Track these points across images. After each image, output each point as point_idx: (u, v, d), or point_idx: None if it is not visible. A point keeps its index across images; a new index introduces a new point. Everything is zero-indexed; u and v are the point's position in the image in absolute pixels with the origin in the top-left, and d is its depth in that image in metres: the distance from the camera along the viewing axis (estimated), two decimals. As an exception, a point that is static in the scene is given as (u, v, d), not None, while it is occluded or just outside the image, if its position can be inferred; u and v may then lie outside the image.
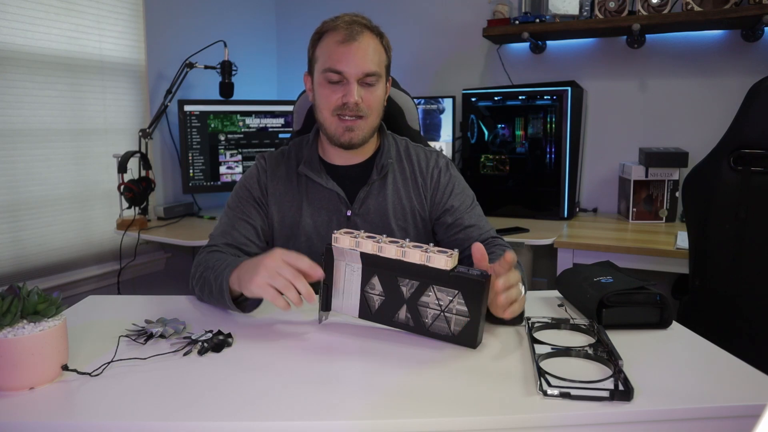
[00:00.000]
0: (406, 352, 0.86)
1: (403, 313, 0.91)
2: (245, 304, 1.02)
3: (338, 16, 1.15)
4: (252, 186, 1.24)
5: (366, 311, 0.95)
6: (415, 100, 1.51)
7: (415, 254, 0.87)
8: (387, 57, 1.19)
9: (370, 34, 1.14)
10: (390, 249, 0.89)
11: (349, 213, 1.21)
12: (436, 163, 1.26)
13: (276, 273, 0.90)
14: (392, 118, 1.44)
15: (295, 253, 0.92)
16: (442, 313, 0.88)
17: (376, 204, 1.22)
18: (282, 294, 0.90)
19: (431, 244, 0.90)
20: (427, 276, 0.87)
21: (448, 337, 0.88)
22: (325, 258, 0.95)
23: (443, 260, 0.85)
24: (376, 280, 0.92)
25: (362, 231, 0.94)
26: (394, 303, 0.92)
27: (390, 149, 1.25)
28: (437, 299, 0.88)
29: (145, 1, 2.32)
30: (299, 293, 0.89)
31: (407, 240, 0.90)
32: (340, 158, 1.24)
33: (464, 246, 1.18)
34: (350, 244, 0.92)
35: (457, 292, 0.86)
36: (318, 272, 0.91)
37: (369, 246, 0.90)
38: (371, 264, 0.91)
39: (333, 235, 0.93)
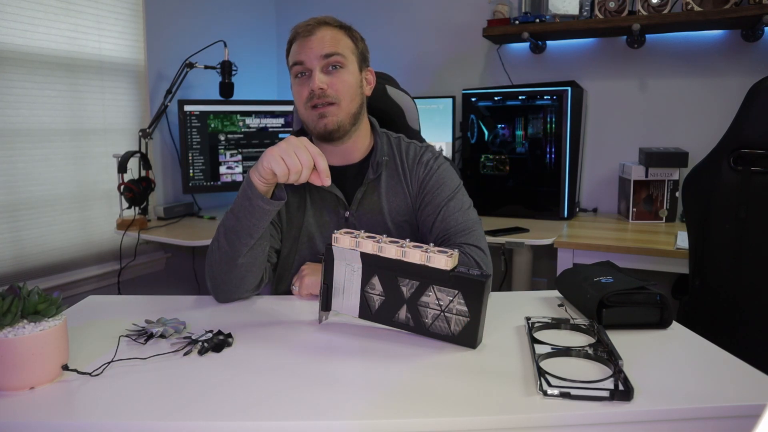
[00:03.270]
0: (406, 352, 0.86)
1: (403, 313, 0.91)
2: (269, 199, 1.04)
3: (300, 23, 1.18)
4: None
5: (366, 311, 0.95)
6: (415, 100, 1.51)
7: (415, 254, 0.87)
8: (356, 46, 1.20)
9: (329, 26, 1.16)
10: (390, 249, 0.89)
11: (347, 214, 1.21)
12: (420, 159, 1.25)
13: (287, 148, 0.97)
14: (393, 118, 1.45)
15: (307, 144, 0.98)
16: (442, 313, 0.88)
17: (371, 204, 1.22)
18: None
19: (431, 244, 0.90)
20: (427, 276, 0.87)
21: (448, 337, 0.88)
22: (325, 258, 0.95)
23: (443, 260, 0.85)
24: (376, 280, 0.92)
25: (362, 231, 0.94)
26: (394, 303, 0.92)
27: (383, 147, 1.25)
28: (437, 299, 0.88)
29: (145, 1, 2.32)
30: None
31: (407, 240, 0.90)
32: (335, 158, 1.23)
33: (431, 239, 1.18)
34: (350, 244, 0.92)
35: (457, 292, 0.86)
36: (326, 180, 0.98)
37: (369, 246, 0.90)
38: (371, 264, 0.91)
39: (333, 235, 0.93)
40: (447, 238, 1.16)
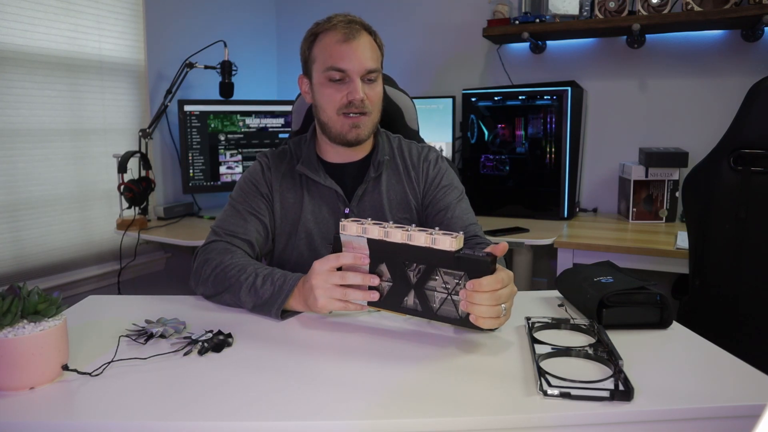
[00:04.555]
0: (406, 352, 0.86)
1: (411, 299, 0.92)
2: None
3: (332, 17, 1.16)
4: (258, 181, 1.24)
5: None
6: (414, 100, 1.51)
7: (420, 237, 0.87)
8: (381, 54, 1.22)
9: (366, 32, 1.16)
10: (396, 233, 0.89)
11: (347, 210, 1.22)
12: (426, 157, 1.28)
13: (329, 287, 0.93)
14: (391, 118, 1.45)
15: (330, 255, 0.95)
16: (449, 296, 0.88)
17: (372, 200, 1.23)
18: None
19: (436, 228, 0.90)
20: (433, 258, 0.87)
21: (456, 321, 0.88)
22: (334, 247, 0.97)
23: (448, 241, 0.85)
24: (383, 267, 0.93)
25: (369, 218, 0.94)
26: (402, 289, 0.92)
27: (384, 146, 1.27)
28: (444, 282, 0.88)
29: (145, 1, 2.32)
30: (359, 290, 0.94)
31: (413, 225, 0.91)
32: (337, 156, 1.25)
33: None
34: (357, 231, 0.92)
35: (463, 273, 0.86)
36: (363, 259, 0.93)
37: (375, 232, 0.91)
38: (378, 250, 0.92)
39: (340, 222, 0.94)
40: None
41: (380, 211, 1.23)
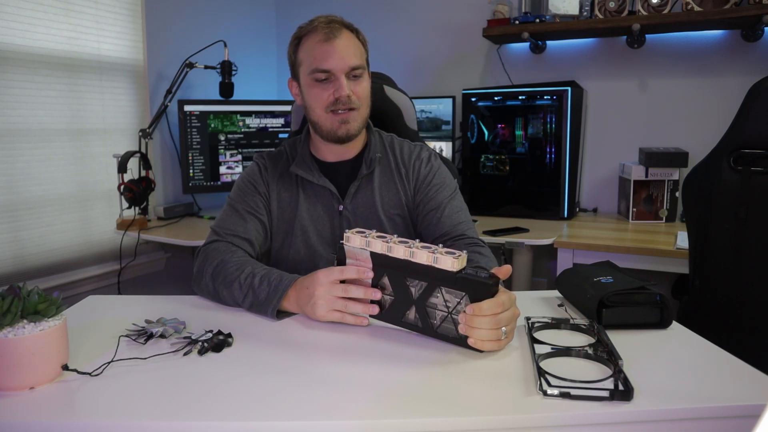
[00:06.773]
0: (406, 353, 0.86)
1: (412, 314, 0.91)
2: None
3: (313, 19, 1.18)
4: (257, 181, 1.26)
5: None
6: (414, 100, 1.51)
7: (422, 255, 0.87)
8: (365, 51, 1.22)
9: (348, 31, 1.18)
10: (399, 249, 0.89)
11: (341, 208, 1.23)
12: (418, 155, 1.28)
13: (331, 298, 0.94)
14: (390, 118, 1.45)
15: (334, 268, 0.95)
16: (449, 315, 0.88)
17: (365, 198, 1.24)
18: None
19: (440, 245, 0.90)
20: (435, 277, 0.87)
21: (455, 340, 0.88)
22: (338, 257, 0.97)
23: (449, 261, 0.85)
24: (386, 280, 0.93)
25: (374, 231, 0.94)
26: (404, 303, 0.92)
27: (377, 143, 1.28)
28: (445, 300, 0.87)
29: (144, 1, 2.32)
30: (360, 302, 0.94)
31: (417, 240, 0.90)
32: (331, 155, 1.26)
33: (436, 235, 1.21)
34: (360, 244, 0.92)
35: (464, 294, 0.85)
36: (366, 273, 0.93)
37: (378, 246, 0.91)
38: (381, 264, 0.92)
39: (345, 234, 0.94)
40: (449, 235, 1.20)
41: (373, 208, 1.24)
